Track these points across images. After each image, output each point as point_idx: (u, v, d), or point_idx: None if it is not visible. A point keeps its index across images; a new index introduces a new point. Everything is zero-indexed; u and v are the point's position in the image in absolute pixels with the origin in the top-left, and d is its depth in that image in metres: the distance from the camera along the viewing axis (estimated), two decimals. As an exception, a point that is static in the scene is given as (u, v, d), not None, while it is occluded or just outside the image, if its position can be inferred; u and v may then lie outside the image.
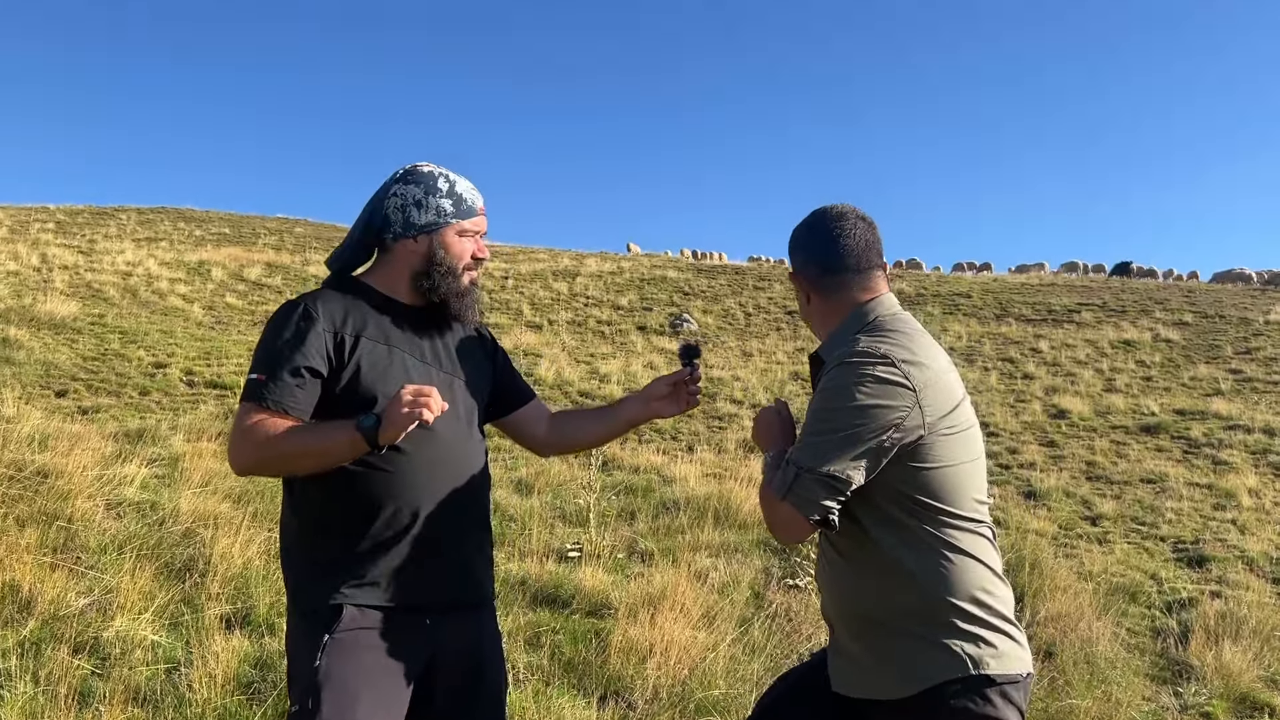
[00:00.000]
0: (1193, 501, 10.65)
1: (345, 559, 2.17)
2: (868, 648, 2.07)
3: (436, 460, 2.21)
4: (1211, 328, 22.86)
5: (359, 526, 2.17)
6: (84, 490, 5.46)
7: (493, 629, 2.41)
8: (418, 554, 2.19)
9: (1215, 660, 5.57)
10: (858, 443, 1.93)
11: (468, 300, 2.32)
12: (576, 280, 27.34)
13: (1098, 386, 17.36)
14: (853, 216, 2.18)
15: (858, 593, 2.09)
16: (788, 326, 23.38)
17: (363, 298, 2.27)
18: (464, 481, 2.26)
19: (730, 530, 7.06)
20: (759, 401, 15.14)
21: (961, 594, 2.00)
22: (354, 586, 2.16)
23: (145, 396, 11.41)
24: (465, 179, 2.33)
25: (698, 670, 4.35)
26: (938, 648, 1.99)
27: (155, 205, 40.90)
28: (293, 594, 2.24)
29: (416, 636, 2.19)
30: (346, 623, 2.14)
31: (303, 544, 2.23)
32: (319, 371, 2.14)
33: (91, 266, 22.54)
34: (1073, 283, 31.18)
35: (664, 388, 2.45)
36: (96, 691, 3.46)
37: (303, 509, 2.22)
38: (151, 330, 15.68)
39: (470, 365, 2.38)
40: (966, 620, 2.00)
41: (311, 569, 2.20)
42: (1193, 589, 7.41)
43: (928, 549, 2.01)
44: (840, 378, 1.99)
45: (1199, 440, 13.54)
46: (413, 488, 2.18)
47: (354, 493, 2.16)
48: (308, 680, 2.11)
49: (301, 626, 2.18)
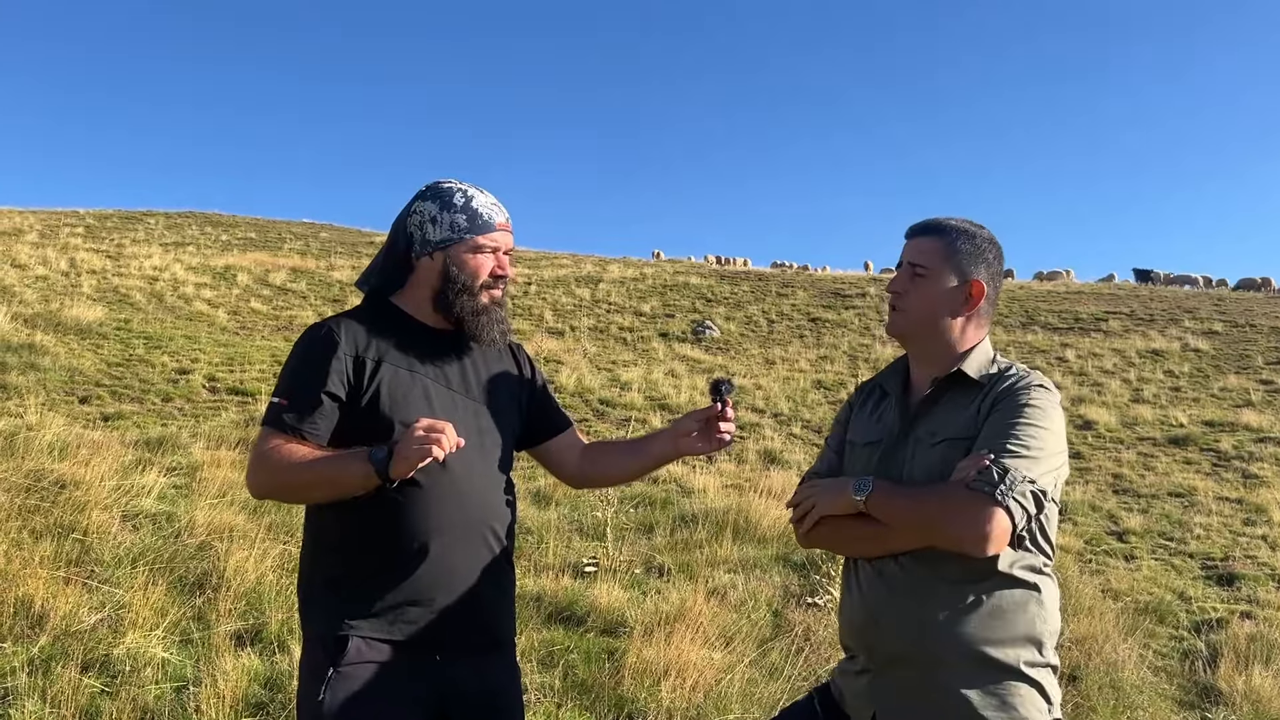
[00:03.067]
0: (1222, 516, 10.47)
1: (354, 589, 2.12)
2: (983, 690, 1.96)
3: (454, 492, 2.14)
4: (1242, 337, 22.54)
5: (369, 557, 2.12)
6: (101, 501, 5.47)
7: (510, 673, 2.31)
8: (428, 590, 2.12)
9: (1245, 685, 5.44)
10: (1057, 467, 1.97)
11: (484, 320, 2.22)
12: (599, 286, 27.31)
13: (1125, 397, 17.14)
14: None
15: (986, 628, 1.97)
16: (810, 334, 23.25)
17: (390, 321, 2.22)
18: (483, 516, 2.19)
19: (749, 545, 6.99)
20: (780, 411, 15.04)
21: (1054, 629, 2.03)
22: (362, 618, 2.10)
23: (168, 403, 11.45)
24: (487, 194, 2.26)
25: (713, 693, 4.28)
26: (1036, 686, 1.98)
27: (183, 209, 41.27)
28: (303, 616, 2.20)
29: (425, 676, 2.13)
30: (353, 655, 2.08)
31: (315, 568, 2.19)
32: (338, 396, 2.10)
33: (119, 271, 22.72)
34: (1100, 291, 30.84)
35: (693, 424, 2.32)
36: (104, 711, 3.43)
37: (318, 533, 2.19)
38: (176, 335, 15.76)
39: (500, 392, 2.30)
40: (1052, 656, 2.02)
41: (322, 595, 2.15)
42: (1222, 609, 7.26)
43: (1045, 582, 2.02)
44: (1044, 401, 2.01)
45: (1228, 453, 13.32)
46: (425, 519, 2.11)
47: (364, 522, 2.11)
48: (313, 712, 2.07)
49: (310, 652, 2.14)
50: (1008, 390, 2.04)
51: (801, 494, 2.16)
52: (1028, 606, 1.99)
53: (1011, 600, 1.98)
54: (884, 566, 2.06)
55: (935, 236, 2.15)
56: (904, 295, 2.16)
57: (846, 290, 28.48)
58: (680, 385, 15.93)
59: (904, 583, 2.03)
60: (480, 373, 2.28)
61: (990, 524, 1.87)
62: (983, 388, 2.08)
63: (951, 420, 2.07)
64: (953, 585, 1.98)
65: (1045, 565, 2.04)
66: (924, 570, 2.00)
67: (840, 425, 2.34)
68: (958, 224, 2.16)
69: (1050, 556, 2.06)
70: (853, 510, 2.04)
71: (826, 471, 2.27)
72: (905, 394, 2.21)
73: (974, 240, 2.15)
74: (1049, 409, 2.01)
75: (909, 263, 2.16)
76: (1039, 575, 2.02)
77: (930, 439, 2.07)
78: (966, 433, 2.03)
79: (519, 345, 2.47)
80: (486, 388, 2.28)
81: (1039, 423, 1.98)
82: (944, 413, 2.10)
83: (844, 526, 2.08)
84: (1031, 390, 2.03)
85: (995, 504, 1.86)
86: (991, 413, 2.02)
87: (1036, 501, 1.91)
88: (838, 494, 2.08)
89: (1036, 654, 2.00)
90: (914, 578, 2.02)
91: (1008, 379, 2.07)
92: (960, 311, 2.14)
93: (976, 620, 1.97)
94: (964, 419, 2.06)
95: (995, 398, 2.05)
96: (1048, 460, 1.95)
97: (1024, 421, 1.97)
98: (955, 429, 2.05)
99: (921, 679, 2.00)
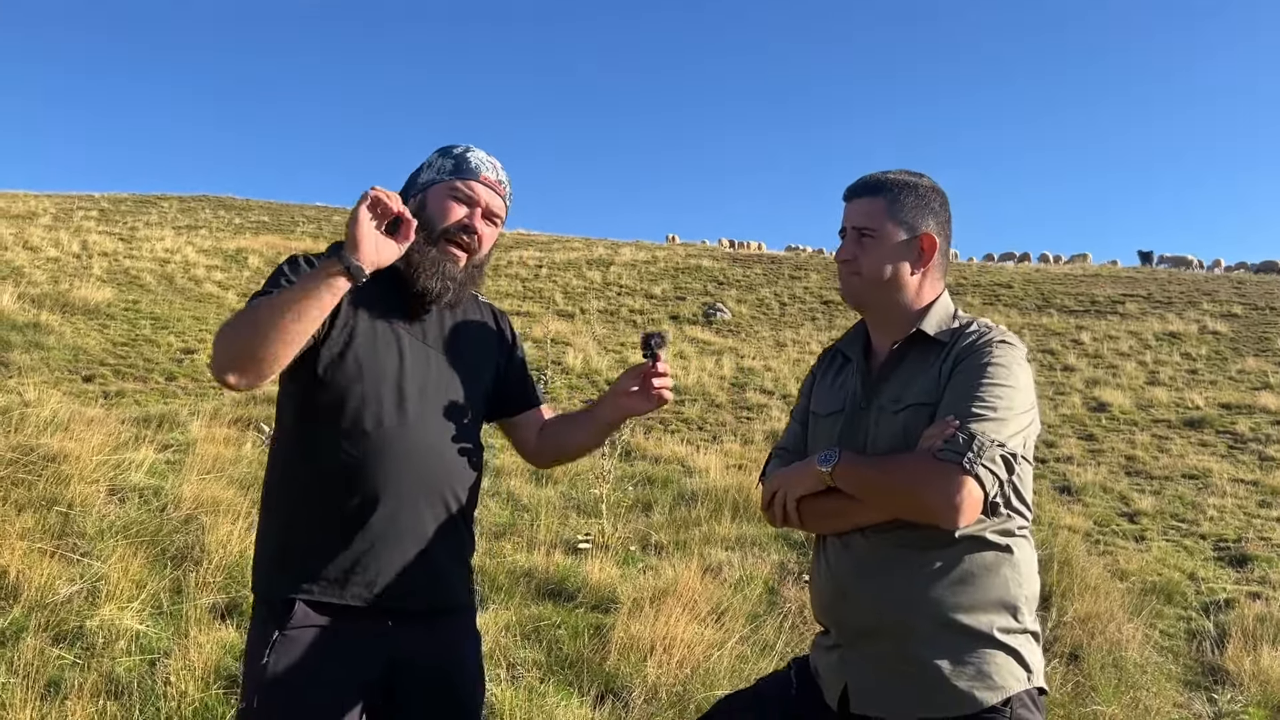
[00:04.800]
0: (1236, 498, 10.27)
1: (302, 551, 2.03)
2: (955, 659, 1.86)
3: (413, 450, 2.05)
4: (1261, 319, 22.20)
5: (317, 517, 2.03)
6: (88, 475, 5.41)
7: (467, 641, 2.20)
8: (380, 550, 2.02)
9: (1253, 666, 5.31)
10: (1026, 426, 1.88)
11: (435, 272, 2.08)
12: (610, 269, 27.18)
13: (1140, 379, 16.90)
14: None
15: (955, 595, 1.88)
16: (822, 316, 23.07)
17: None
18: (444, 477, 2.09)
19: (749, 523, 6.88)
20: (789, 393, 14.90)
21: (1031, 594, 1.94)
22: (310, 580, 2.01)
23: (171, 382, 11.43)
24: (491, 158, 2.18)
25: (701, 669, 4.18)
26: (1013, 654, 1.88)
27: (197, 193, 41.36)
28: (253, 581, 2.12)
29: (375, 640, 2.03)
30: (299, 619, 2.00)
31: (265, 531, 2.10)
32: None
33: (130, 254, 22.75)
34: (1118, 274, 30.49)
35: (630, 382, 2.22)
36: (70, 683, 3.36)
37: (272, 492, 2.10)
38: (184, 317, 15.75)
39: (476, 354, 2.22)
40: (1030, 621, 1.93)
41: (270, 558, 2.07)
42: (1232, 589, 7.11)
43: (1020, 544, 1.93)
44: (1006, 357, 1.92)
45: (1245, 435, 13.09)
46: (381, 476, 2.02)
47: (314, 481, 2.03)
48: (256, 677, 1.99)
49: (256, 617, 2.06)
50: (969, 349, 1.95)
51: (772, 483, 2.07)
52: (999, 570, 1.90)
53: (981, 564, 1.89)
54: (850, 540, 1.98)
55: (876, 195, 2.04)
56: (853, 260, 2.05)
57: (860, 273, 28.19)
58: (689, 367, 15.82)
59: (870, 555, 1.95)
60: (459, 332, 2.19)
61: (961, 494, 1.78)
62: (944, 346, 1.99)
63: (913, 385, 1.98)
64: (919, 553, 1.90)
65: (1020, 529, 1.95)
66: (890, 540, 1.92)
67: (804, 396, 2.25)
68: (896, 177, 2.05)
69: (1026, 518, 1.96)
70: (821, 485, 1.95)
71: (792, 445, 2.19)
72: (866, 360, 2.11)
73: (917, 191, 2.04)
74: (1013, 365, 1.92)
75: (853, 227, 2.05)
76: (1012, 538, 1.93)
77: (893, 406, 1.98)
78: (930, 397, 1.94)
79: (503, 314, 2.38)
80: (462, 347, 2.18)
81: (1004, 381, 1.88)
82: (906, 377, 2.01)
83: (812, 504, 1.98)
84: (994, 347, 1.93)
85: (964, 473, 1.78)
86: (953, 374, 1.93)
87: (1007, 465, 1.82)
88: (805, 472, 1.99)
89: (1011, 619, 1.90)
90: (880, 548, 1.93)
91: (968, 336, 1.98)
92: (915, 268, 2.04)
93: (945, 586, 1.88)
94: (926, 382, 1.96)
95: (956, 357, 1.95)
96: (1015, 420, 1.86)
97: (988, 381, 1.88)
98: (918, 394, 1.96)
99: (892, 651, 1.91)
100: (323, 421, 2.04)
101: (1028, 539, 1.98)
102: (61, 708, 3.15)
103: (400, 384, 2.07)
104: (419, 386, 2.10)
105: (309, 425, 2.06)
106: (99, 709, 3.19)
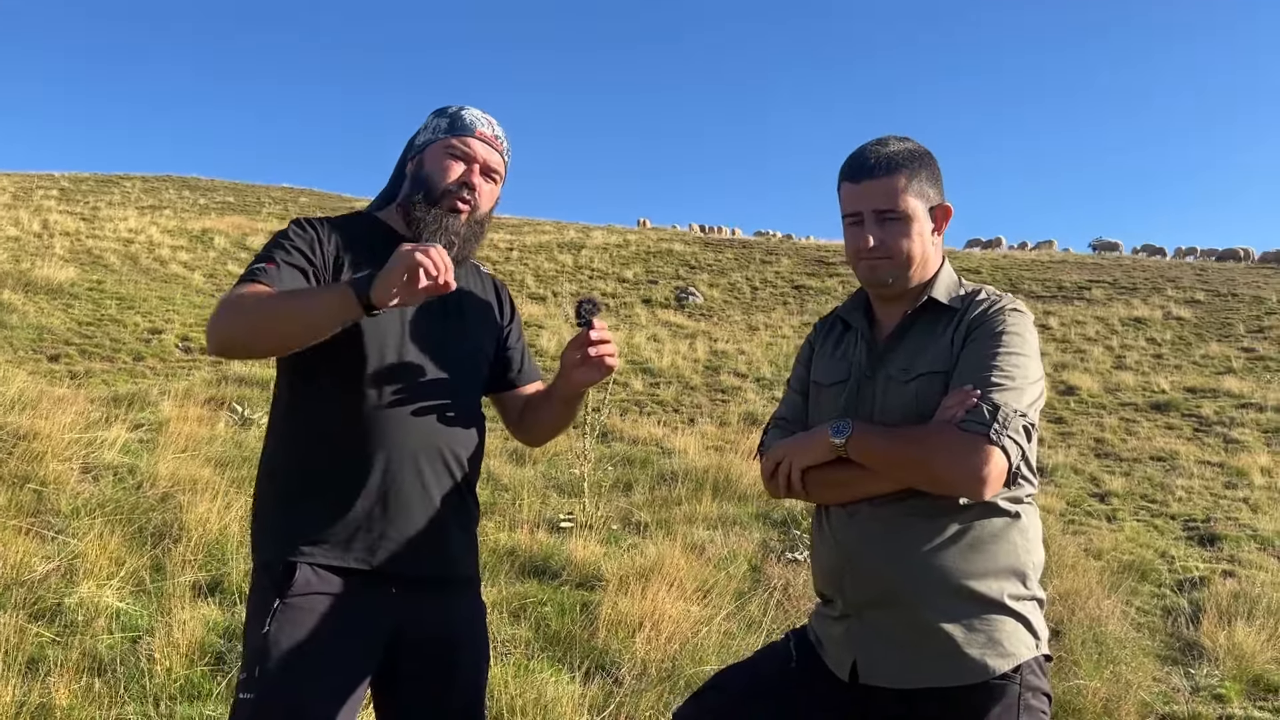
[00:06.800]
0: (1203, 480, 10.45)
1: (304, 514, 1.97)
2: (967, 626, 1.83)
3: (416, 412, 2.00)
4: (1224, 306, 22.57)
5: (323, 477, 1.98)
6: (60, 453, 5.29)
7: (471, 611, 2.16)
8: (386, 515, 1.98)
9: (1228, 641, 5.38)
10: (1039, 395, 1.86)
11: (438, 228, 2.04)
12: (581, 253, 27.10)
13: (1107, 364, 17.13)
14: None
15: (967, 561, 1.84)
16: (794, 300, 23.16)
17: (372, 233, 2.11)
18: (449, 442, 2.05)
19: (729, 503, 6.88)
20: (763, 375, 14.94)
21: (1038, 560, 1.93)
22: (312, 544, 1.95)
23: (139, 362, 11.25)
24: (487, 115, 2.14)
25: (689, 645, 4.17)
26: (1022, 621, 1.86)
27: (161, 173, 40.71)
28: (253, 545, 2.06)
29: (379, 608, 1.99)
30: (300, 585, 1.94)
31: (265, 493, 2.05)
32: (318, 276, 1.98)
33: (93, 233, 22.36)
34: (1084, 260, 30.83)
35: (575, 354, 2.12)
36: (52, 659, 3.28)
37: (272, 454, 2.05)
38: (150, 297, 15.50)
39: (479, 321, 2.17)
40: (1036, 588, 1.91)
41: (271, 520, 2.01)
42: (1204, 568, 7.22)
43: (1027, 510, 1.91)
44: (1019, 325, 1.90)
45: (1210, 418, 13.32)
46: (386, 439, 1.97)
47: (317, 439, 1.98)
48: (256, 646, 1.92)
49: (257, 582, 2.00)
50: (981, 317, 1.92)
51: (775, 453, 2.02)
52: (1009, 536, 1.88)
53: (990, 531, 1.86)
54: (857, 509, 1.93)
55: (893, 173, 1.95)
56: (883, 245, 1.95)
57: (831, 258, 28.34)
58: (663, 350, 15.82)
59: (879, 524, 1.91)
60: (462, 297, 2.13)
61: (988, 465, 1.74)
62: (955, 313, 1.95)
63: (924, 353, 1.94)
64: (928, 520, 1.87)
65: (1028, 495, 1.93)
66: (900, 509, 1.88)
67: (803, 365, 2.19)
68: (903, 148, 1.97)
69: (1034, 485, 1.94)
70: (830, 456, 1.90)
71: (791, 415, 2.13)
72: (871, 328, 2.07)
73: (922, 160, 1.98)
74: (1026, 333, 1.90)
75: (874, 210, 1.95)
76: (1020, 504, 1.90)
77: (903, 375, 1.94)
78: (943, 365, 1.90)
79: (504, 285, 2.33)
80: (465, 312, 2.13)
81: (1019, 350, 1.86)
82: (915, 345, 1.97)
83: (819, 474, 1.94)
84: (1007, 315, 1.91)
85: (991, 444, 1.74)
86: (967, 342, 1.90)
87: (1027, 434, 1.80)
88: (813, 442, 1.94)
89: (1020, 586, 1.88)
90: (890, 517, 1.89)
91: (980, 304, 1.95)
92: (933, 240, 2.01)
93: (956, 553, 1.85)
94: (938, 350, 1.93)
95: (969, 325, 1.92)
96: (1031, 389, 1.84)
97: (1004, 350, 1.85)
98: (930, 362, 1.92)
99: (902, 620, 1.88)
100: (323, 384, 1.99)
101: (1034, 506, 1.97)
102: (44, 685, 3.07)
103: (401, 346, 2.03)
104: (420, 348, 2.05)
105: (309, 387, 2.01)
106: (84, 686, 3.12)
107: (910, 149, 1.99)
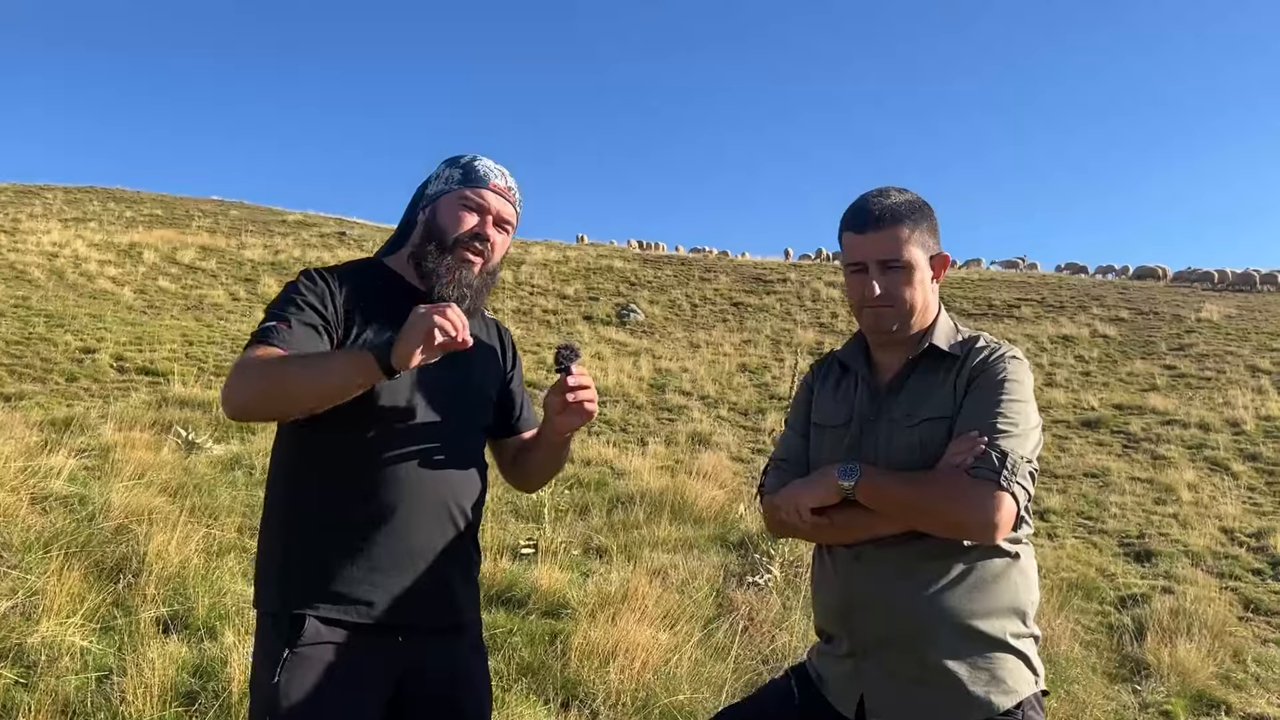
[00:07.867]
0: (1135, 496, 10.80)
1: (312, 567, 1.98)
2: (972, 665, 1.91)
3: (421, 467, 2.01)
4: (1146, 324, 23.34)
5: (328, 534, 1.98)
6: (7, 482, 5.13)
7: (473, 655, 2.18)
8: (389, 568, 1.99)
9: (1171, 657, 5.58)
10: (1040, 440, 1.95)
11: (452, 280, 2.06)
12: (521, 268, 27.01)
13: (1038, 381, 17.59)
14: None
15: (971, 601, 1.92)
16: (733, 318, 23.36)
17: (380, 281, 2.12)
18: (455, 494, 2.06)
19: (687, 525, 6.93)
20: (708, 394, 15.05)
21: (1035, 599, 2.01)
22: (320, 597, 1.96)
23: (73, 383, 10.93)
24: (501, 167, 2.16)
25: (661, 674, 4.20)
26: (1022, 658, 1.95)
27: (84, 184, 39.55)
28: (257, 596, 2.05)
29: (386, 657, 2.00)
30: (309, 636, 1.94)
31: (271, 546, 2.04)
32: (328, 329, 1.99)
33: (15, 246, 21.65)
34: (1011, 279, 31.63)
35: (555, 400, 2.11)
36: (21, 703, 3.19)
37: (275, 509, 2.05)
38: (80, 314, 15.06)
39: (482, 369, 2.18)
40: (1034, 626, 2.00)
41: (278, 573, 2.00)
42: (1143, 585, 7.47)
43: (1025, 551, 2.00)
44: (1019, 373, 1.98)
45: (1138, 435, 13.76)
46: (395, 493, 1.99)
47: (325, 496, 1.98)
48: (267, 696, 1.93)
49: (263, 633, 2.00)
50: (983, 364, 1.99)
51: (780, 495, 2.06)
52: (1010, 576, 1.96)
53: (993, 571, 1.94)
54: (862, 550, 1.99)
55: (897, 224, 2.01)
56: (889, 294, 2.02)
57: (768, 276, 28.68)
58: (607, 368, 15.83)
59: (885, 564, 1.97)
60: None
61: (1000, 511, 1.83)
62: (956, 360, 2.03)
63: (927, 398, 2.01)
64: (936, 561, 1.93)
65: (1026, 536, 2.01)
66: (905, 550, 1.95)
67: (803, 406, 2.24)
68: (903, 200, 2.04)
69: (1030, 525, 2.03)
70: (837, 499, 1.96)
71: (791, 457, 2.17)
72: (871, 372, 2.13)
73: (923, 211, 2.05)
74: (1025, 380, 1.99)
75: (878, 261, 2.01)
76: (1020, 545, 1.99)
77: (907, 420, 2.01)
78: (946, 411, 1.98)
79: (506, 330, 2.35)
80: (471, 359, 2.12)
81: (1020, 397, 1.95)
82: (917, 390, 2.03)
83: (824, 515, 1.99)
84: (1006, 362, 1.99)
85: (1001, 489, 1.83)
86: (970, 389, 1.97)
87: (1031, 479, 1.89)
88: (820, 484, 2.00)
89: (1021, 625, 1.96)
90: (896, 558, 1.96)
91: (980, 352, 2.02)
92: (932, 287, 2.09)
93: (961, 593, 1.92)
94: (941, 396, 2.00)
95: (971, 373, 1.99)
96: (1033, 435, 1.93)
97: (1007, 398, 1.93)
98: (934, 408, 1.99)
99: (911, 658, 1.94)
100: (331, 434, 1.99)
101: (1030, 546, 2.05)
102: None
103: (411, 398, 2.04)
104: (429, 398, 2.06)
105: (317, 437, 2.01)
106: (58, 732, 3.04)
107: (911, 200, 2.05)
